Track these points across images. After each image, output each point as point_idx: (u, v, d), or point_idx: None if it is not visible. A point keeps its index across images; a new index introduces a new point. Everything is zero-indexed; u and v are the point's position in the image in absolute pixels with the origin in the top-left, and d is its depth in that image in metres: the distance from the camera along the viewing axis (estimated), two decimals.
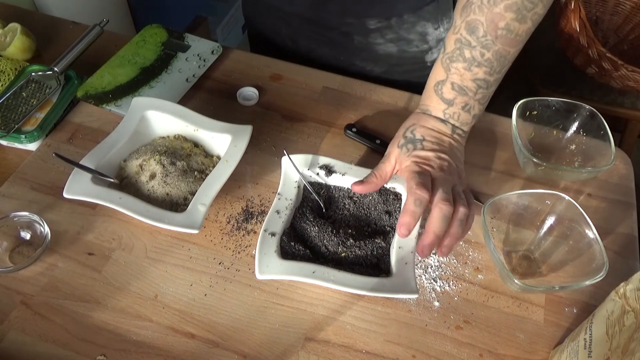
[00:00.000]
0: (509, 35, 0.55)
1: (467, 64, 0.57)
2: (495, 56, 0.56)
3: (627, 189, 0.72)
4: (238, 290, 0.61)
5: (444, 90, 0.59)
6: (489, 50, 0.56)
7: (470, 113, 0.60)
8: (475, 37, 0.55)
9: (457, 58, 0.57)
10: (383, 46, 0.85)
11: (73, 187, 0.62)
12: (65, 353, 0.56)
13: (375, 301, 0.61)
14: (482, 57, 0.56)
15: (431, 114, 0.61)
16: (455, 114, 0.60)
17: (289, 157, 0.64)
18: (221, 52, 0.84)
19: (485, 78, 0.57)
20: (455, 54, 0.57)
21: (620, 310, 0.46)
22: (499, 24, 0.54)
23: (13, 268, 0.60)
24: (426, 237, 0.53)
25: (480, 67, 0.57)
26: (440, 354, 0.57)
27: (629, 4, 1.44)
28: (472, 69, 0.57)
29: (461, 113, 0.60)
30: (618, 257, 0.65)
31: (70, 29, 0.91)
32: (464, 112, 0.60)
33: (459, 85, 0.58)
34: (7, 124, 0.72)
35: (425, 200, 0.53)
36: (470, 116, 0.60)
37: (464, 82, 0.58)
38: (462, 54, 0.57)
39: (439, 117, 0.61)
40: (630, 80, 1.26)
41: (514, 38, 0.55)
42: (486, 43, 0.55)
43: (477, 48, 0.56)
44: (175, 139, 0.71)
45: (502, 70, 0.58)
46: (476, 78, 0.57)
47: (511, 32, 0.55)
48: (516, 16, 0.53)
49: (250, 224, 0.66)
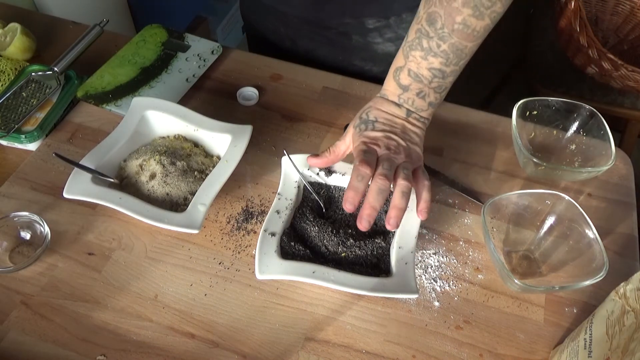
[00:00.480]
0: (465, 30, 0.56)
1: (424, 53, 0.59)
2: (451, 48, 0.58)
3: (627, 189, 0.72)
4: (238, 290, 0.61)
5: (401, 77, 0.61)
6: (445, 42, 0.57)
7: (425, 100, 0.61)
8: (434, 29, 0.57)
9: (416, 47, 0.59)
10: (382, 45, 0.85)
11: (73, 187, 0.62)
12: (65, 353, 0.56)
13: (375, 301, 0.61)
14: (438, 48, 0.58)
15: (387, 98, 0.63)
16: (410, 100, 0.61)
17: (289, 157, 0.64)
18: (221, 52, 0.84)
19: (441, 68, 0.59)
20: (415, 42, 0.59)
21: (620, 310, 0.46)
22: (456, 18, 0.56)
23: (13, 268, 0.60)
24: (363, 210, 0.55)
25: (436, 57, 0.58)
26: (440, 354, 0.57)
27: (629, 4, 1.44)
28: (429, 58, 0.59)
29: (415, 99, 0.61)
30: (618, 257, 0.65)
31: (70, 29, 0.91)
32: (418, 98, 0.61)
33: (415, 73, 0.60)
34: (7, 124, 0.72)
35: (367, 175, 0.55)
36: (426, 103, 0.62)
37: (420, 70, 0.60)
38: (421, 43, 0.59)
39: (394, 101, 0.62)
40: (630, 80, 1.26)
41: (471, 33, 0.57)
42: (443, 35, 0.57)
43: (434, 39, 0.58)
44: (175, 139, 0.71)
45: (460, 62, 0.60)
46: (432, 67, 0.59)
47: (468, 27, 0.56)
48: (473, 12, 0.55)
49: (250, 224, 0.66)
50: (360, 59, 0.89)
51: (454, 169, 0.73)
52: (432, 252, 0.65)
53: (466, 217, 0.68)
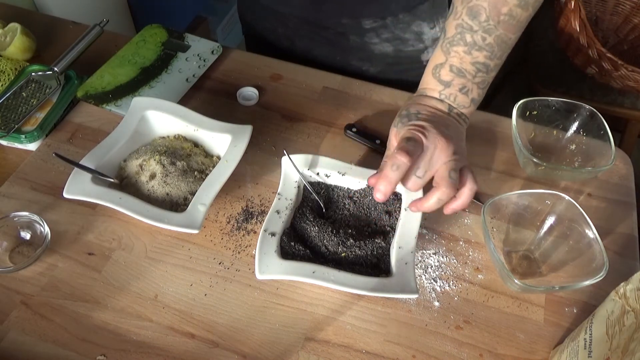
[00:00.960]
0: (511, 21, 0.56)
1: (468, 47, 0.57)
2: (496, 41, 0.56)
3: (627, 189, 0.72)
4: (238, 290, 0.61)
5: (442, 73, 0.59)
6: (490, 35, 0.56)
7: (468, 96, 0.59)
8: (478, 22, 0.56)
9: (458, 42, 0.58)
10: (379, 46, 0.85)
11: (73, 187, 0.62)
12: (65, 353, 0.56)
13: (375, 301, 0.61)
14: (483, 42, 0.57)
15: (427, 94, 0.60)
16: (452, 95, 0.59)
17: (289, 157, 0.64)
18: (221, 52, 0.84)
19: (485, 62, 0.57)
20: (456, 38, 0.58)
21: (620, 310, 0.46)
22: (502, 9, 0.55)
23: (13, 268, 0.60)
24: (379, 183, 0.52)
25: (481, 50, 0.57)
26: (440, 354, 0.57)
27: (629, 4, 1.44)
28: (473, 53, 0.57)
29: (458, 95, 0.59)
30: (618, 257, 0.65)
31: (70, 29, 0.91)
32: (461, 94, 0.59)
33: (458, 68, 0.58)
34: (7, 124, 0.72)
35: (404, 165, 0.51)
36: (469, 99, 0.59)
37: (463, 65, 0.58)
38: (464, 38, 0.57)
39: (435, 97, 0.60)
40: (630, 80, 1.26)
41: (516, 24, 0.56)
42: (488, 28, 0.56)
43: (478, 32, 0.56)
44: (175, 139, 0.71)
45: (503, 56, 0.58)
46: (476, 62, 0.57)
47: (513, 18, 0.55)
48: (519, 2, 0.55)
49: (250, 224, 0.66)
50: (358, 59, 0.89)
51: None
52: (432, 252, 0.65)
53: (466, 217, 0.68)
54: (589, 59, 1.28)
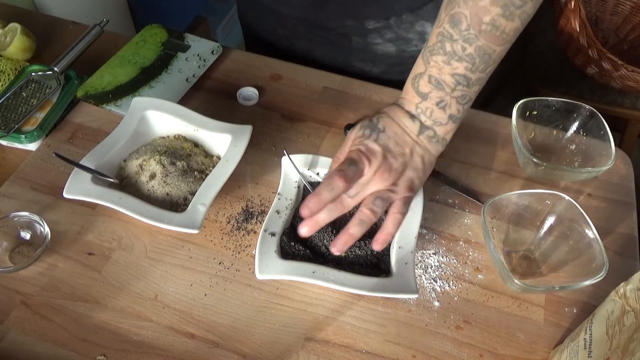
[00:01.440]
0: (493, 32, 0.52)
1: (447, 57, 0.54)
2: (477, 52, 0.53)
3: (627, 189, 0.72)
4: (238, 290, 0.61)
5: (421, 84, 0.56)
6: (471, 45, 0.53)
7: (446, 111, 0.56)
8: (458, 30, 0.53)
9: (438, 51, 0.55)
10: (382, 46, 0.85)
11: (73, 187, 0.62)
12: (65, 353, 0.56)
13: (375, 301, 0.61)
14: (463, 52, 0.53)
15: (404, 106, 0.58)
16: (428, 110, 0.56)
17: (289, 157, 0.64)
18: (221, 52, 0.84)
19: (466, 74, 0.54)
20: (437, 47, 0.55)
21: (620, 310, 0.46)
22: (484, 18, 0.52)
23: (13, 268, 0.60)
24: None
25: (460, 61, 0.54)
26: (440, 354, 0.57)
27: (629, 4, 1.44)
28: (452, 63, 0.54)
29: (434, 109, 0.56)
30: (618, 257, 0.65)
31: (70, 29, 0.91)
32: (437, 109, 0.56)
33: (436, 79, 0.55)
34: (7, 124, 0.72)
35: (340, 190, 0.52)
36: (446, 115, 0.56)
37: (441, 76, 0.55)
38: (443, 47, 0.54)
39: (411, 111, 0.57)
40: (630, 80, 1.26)
41: (499, 35, 0.53)
42: (469, 37, 0.53)
43: (458, 41, 0.53)
44: (175, 139, 0.71)
45: (487, 69, 0.55)
46: (455, 73, 0.54)
47: (496, 29, 0.52)
48: (503, 12, 0.51)
49: (250, 224, 0.66)
50: (360, 60, 0.88)
51: (454, 169, 0.73)
52: (432, 252, 0.65)
53: (466, 217, 0.68)
54: (589, 59, 1.28)
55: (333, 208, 0.54)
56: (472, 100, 0.57)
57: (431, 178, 0.71)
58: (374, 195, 0.55)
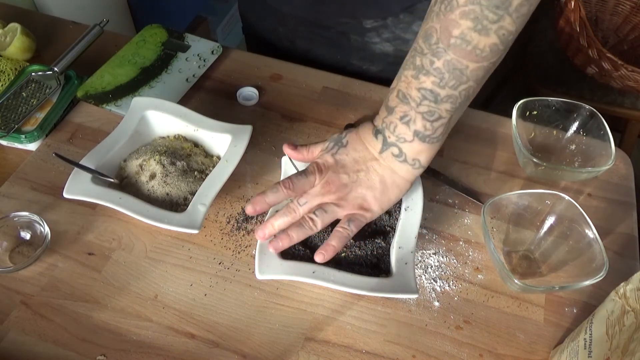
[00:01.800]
0: (464, 46, 0.49)
1: (416, 71, 0.53)
2: (446, 67, 0.51)
3: (627, 189, 0.72)
4: (238, 290, 0.61)
5: (390, 98, 0.56)
6: (439, 59, 0.51)
7: (410, 127, 0.54)
8: (428, 44, 0.52)
9: (409, 66, 0.54)
10: (379, 45, 0.85)
11: (73, 187, 0.62)
12: (65, 353, 0.56)
13: (375, 301, 0.61)
14: (431, 65, 0.52)
15: (374, 121, 0.58)
16: (392, 124, 0.56)
17: (289, 157, 0.64)
18: (221, 52, 0.84)
19: (433, 89, 0.52)
20: (409, 62, 0.54)
21: (620, 310, 0.46)
22: (453, 31, 0.50)
23: (13, 268, 0.60)
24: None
25: (428, 75, 0.52)
26: (440, 354, 0.57)
27: (629, 4, 1.44)
28: (420, 77, 0.53)
29: (398, 124, 0.55)
30: (618, 257, 0.65)
31: (70, 29, 0.91)
32: (401, 124, 0.55)
33: (403, 93, 0.54)
34: (7, 124, 0.72)
35: (284, 196, 0.57)
36: (410, 131, 0.55)
37: (408, 90, 0.54)
38: (414, 62, 0.53)
39: (377, 126, 0.57)
40: (630, 80, 1.26)
41: (472, 50, 0.50)
42: (437, 50, 0.51)
43: (427, 55, 0.52)
44: (175, 139, 0.71)
45: (459, 87, 0.52)
46: (422, 87, 0.53)
47: (467, 43, 0.49)
48: (474, 25, 0.49)
49: (250, 224, 0.66)
50: (359, 59, 0.89)
51: (454, 169, 0.73)
52: (432, 252, 0.65)
53: (466, 217, 0.68)
54: (589, 59, 1.28)
55: (285, 212, 0.58)
56: (444, 119, 0.54)
57: (431, 178, 0.71)
58: (319, 206, 0.57)
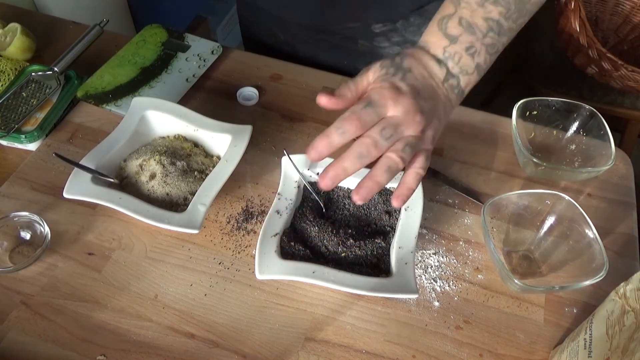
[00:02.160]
0: None
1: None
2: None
3: (627, 189, 0.72)
4: (238, 290, 0.61)
5: (450, 25, 0.51)
6: None
7: (474, 59, 0.51)
8: None
9: None
10: (389, 49, 0.84)
11: (73, 187, 0.62)
12: (65, 353, 0.56)
13: (375, 301, 0.61)
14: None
15: (429, 50, 0.51)
16: (457, 55, 0.51)
17: (289, 157, 0.64)
18: (221, 52, 0.84)
19: (499, 20, 0.50)
20: None
21: (620, 310, 0.46)
22: None
23: (13, 268, 0.60)
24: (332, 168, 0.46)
25: (495, 5, 0.49)
26: (440, 354, 0.57)
27: (629, 4, 1.44)
28: (486, 6, 0.50)
29: (463, 55, 0.50)
30: (618, 257, 0.65)
31: (70, 29, 0.91)
32: (466, 55, 0.50)
33: (468, 22, 0.50)
34: (7, 124, 0.72)
35: (351, 135, 0.45)
36: (473, 63, 0.51)
37: (474, 19, 0.50)
38: None
39: (437, 55, 0.51)
40: (630, 80, 1.26)
41: None
42: None
43: None
44: (175, 139, 0.71)
45: (518, 20, 0.51)
46: (489, 17, 0.50)
47: None
48: None
49: (250, 224, 0.66)
50: (366, 64, 0.87)
51: (454, 169, 0.73)
52: (432, 252, 0.65)
53: (466, 217, 0.68)
54: (589, 59, 1.27)
55: (364, 153, 0.45)
56: (498, 53, 0.52)
57: (431, 178, 0.71)
58: (404, 141, 0.47)
